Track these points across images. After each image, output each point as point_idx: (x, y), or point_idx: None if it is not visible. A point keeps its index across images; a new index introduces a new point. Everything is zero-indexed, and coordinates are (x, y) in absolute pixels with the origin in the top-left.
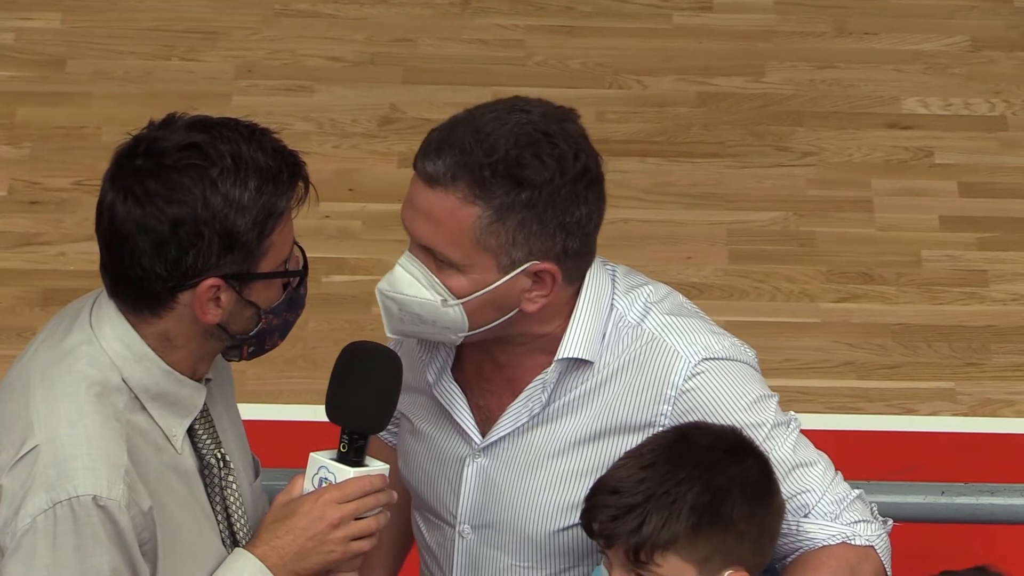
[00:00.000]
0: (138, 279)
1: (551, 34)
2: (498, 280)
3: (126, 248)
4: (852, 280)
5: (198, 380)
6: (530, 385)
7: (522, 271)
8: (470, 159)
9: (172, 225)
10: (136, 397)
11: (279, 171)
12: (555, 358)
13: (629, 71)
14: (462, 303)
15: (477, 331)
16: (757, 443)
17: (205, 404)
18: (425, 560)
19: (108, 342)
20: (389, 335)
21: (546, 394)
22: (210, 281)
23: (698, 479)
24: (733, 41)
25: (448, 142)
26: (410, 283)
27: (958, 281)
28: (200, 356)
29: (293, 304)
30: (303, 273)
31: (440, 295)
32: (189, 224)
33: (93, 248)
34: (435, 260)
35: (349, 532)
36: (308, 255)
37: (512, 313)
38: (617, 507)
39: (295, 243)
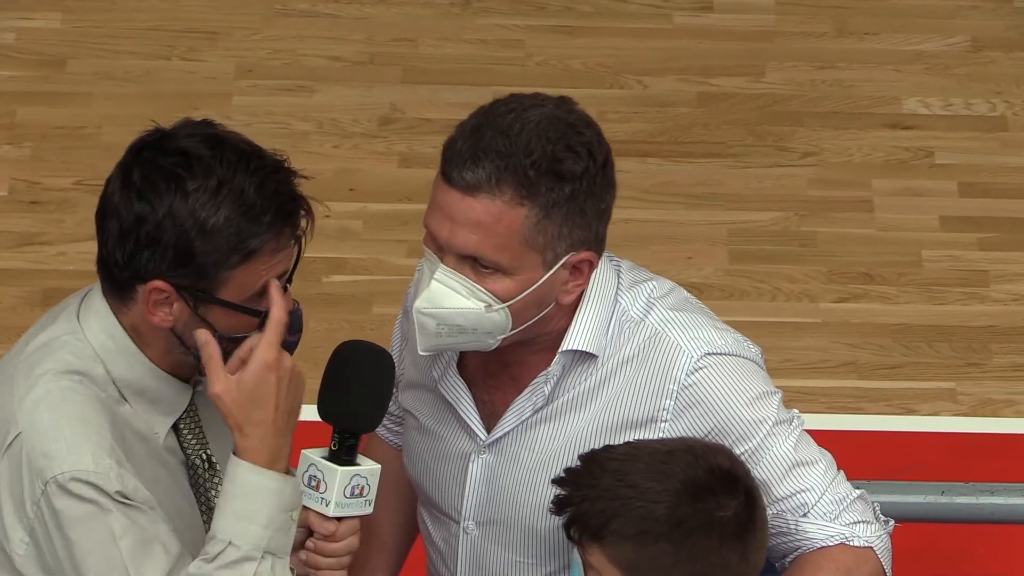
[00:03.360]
0: (105, 259)
1: (551, 34)
2: (543, 277)
3: (102, 225)
4: (853, 280)
5: (186, 381)
6: (535, 380)
7: (562, 264)
8: (511, 161)
9: (135, 220)
10: (120, 391)
11: (262, 211)
12: (559, 350)
13: (630, 71)
14: (507, 306)
15: (515, 331)
16: (758, 440)
17: (193, 405)
18: (431, 556)
19: (94, 334)
20: (422, 353)
21: (549, 387)
22: (156, 283)
23: (652, 497)
24: (734, 41)
25: (481, 148)
26: (449, 296)
27: (959, 281)
28: (174, 361)
29: None
30: (258, 314)
31: (484, 301)
32: (150, 225)
33: (93, 248)
34: (476, 267)
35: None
36: (308, 255)
37: (549, 307)
38: (576, 479)
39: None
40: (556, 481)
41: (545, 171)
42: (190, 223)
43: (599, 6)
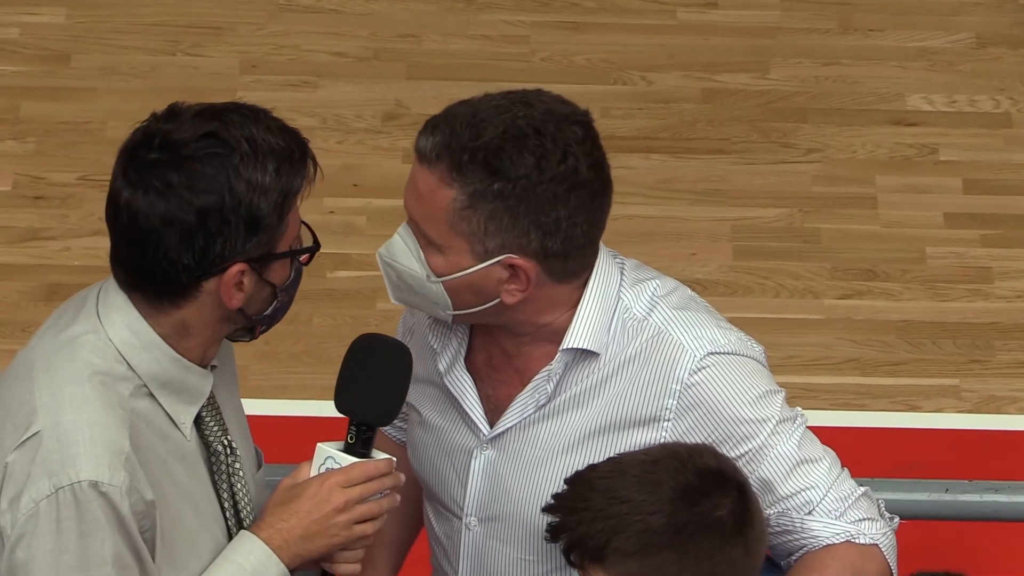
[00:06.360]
0: (163, 273)
1: (556, 30)
2: (472, 266)
3: (151, 243)
4: (856, 277)
5: (205, 367)
6: (537, 376)
7: (496, 262)
8: (454, 140)
9: (199, 215)
10: (144, 385)
11: (291, 151)
12: (560, 348)
13: (634, 67)
14: (441, 282)
15: (463, 312)
16: (761, 439)
17: (212, 391)
18: (434, 550)
19: (116, 330)
20: (394, 302)
21: (551, 385)
22: (237, 267)
23: (647, 509)
24: (738, 37)
25: (444, 121)
26: (404, 253)
27: (962, 278)
28: (212, 342)
29: (298, 278)
30: (316, 247)
31: (424, 270)
32: (216, 213)
33: (97, 243)
34: (421, 235)
35: (353, 516)
36: None
37: (493, 302)
38: (566, 504)
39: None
40: (546, 509)
41: (480, 161)
42: (251, 191)
43: (603, 2)
